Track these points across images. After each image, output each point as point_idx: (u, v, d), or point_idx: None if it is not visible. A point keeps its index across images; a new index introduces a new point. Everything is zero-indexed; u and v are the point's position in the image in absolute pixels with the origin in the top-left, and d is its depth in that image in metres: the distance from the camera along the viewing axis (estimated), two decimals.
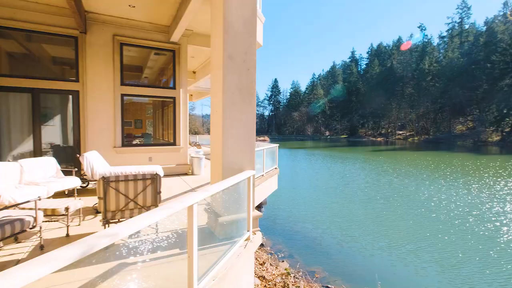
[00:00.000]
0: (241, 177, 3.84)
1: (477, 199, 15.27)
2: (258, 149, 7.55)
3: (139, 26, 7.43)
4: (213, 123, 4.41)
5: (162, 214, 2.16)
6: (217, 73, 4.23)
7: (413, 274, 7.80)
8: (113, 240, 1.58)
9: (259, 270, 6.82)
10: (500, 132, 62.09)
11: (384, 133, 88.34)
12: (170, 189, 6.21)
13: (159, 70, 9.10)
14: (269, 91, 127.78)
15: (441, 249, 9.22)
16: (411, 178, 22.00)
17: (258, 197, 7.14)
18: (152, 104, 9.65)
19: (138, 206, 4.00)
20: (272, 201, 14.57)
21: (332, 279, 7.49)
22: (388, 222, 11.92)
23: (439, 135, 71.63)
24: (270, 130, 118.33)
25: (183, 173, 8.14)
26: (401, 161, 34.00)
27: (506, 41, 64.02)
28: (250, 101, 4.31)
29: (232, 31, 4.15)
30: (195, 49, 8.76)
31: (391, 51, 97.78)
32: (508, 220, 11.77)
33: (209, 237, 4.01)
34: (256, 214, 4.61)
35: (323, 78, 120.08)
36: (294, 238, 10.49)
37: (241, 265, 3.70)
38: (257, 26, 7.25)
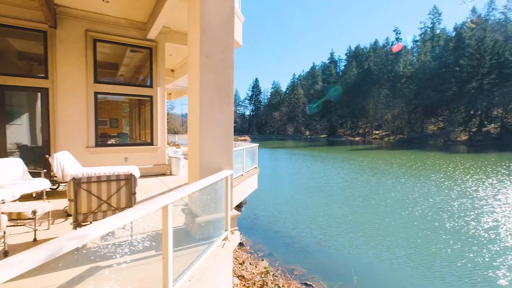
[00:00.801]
0: (219, 176, 3.82)
1: (448, 196, 16.11)
2: (237, 148, 7.56)
3: (114, 22, 7.18)
4: (190, 123, 4.36)
5: (136, 214, 2.11)
6: (194, 72, 4.19)
7: (388, 269, 8.10)
8: (82, 242, 1.53)
9: (238, 270, 6.82)
10: (467, 132, 65.91)
11: (361, 132, 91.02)
12: (147, 190, 6.07)
13: (135, 67, 8.85)
14: (250, 90, 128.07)
15: (415, 245, 9.62)
16: (387, 176, 22.84)
17: (237, 197, 7.15)
18: (128, 102, 9.37)
19: (111, 208, 3.88)
20: (252, 201, 14.61)
21: (311, 276, 7.63)
22: (365, 220, 12.29)
23: (412, 135, 74.83)
24: (251, 129, 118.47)
25: (161, 173, 7.97)
26: (377, 160, 35.20)
27: (473, 46, 67.97)
28: (227, 100, 4.29)
29: (209, 30, 4.12)
30: (173, 47, 8.60)
31: (368, 53, 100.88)
32: (476, 215, 12.51)
33: (186, 237, 3.97)
34: (234, 213, 4.61)
35: (303, 78, 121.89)
36: (274, 237, 10.58)
37: (218, 264, 3.69)
38: (236, 25, 7.27)
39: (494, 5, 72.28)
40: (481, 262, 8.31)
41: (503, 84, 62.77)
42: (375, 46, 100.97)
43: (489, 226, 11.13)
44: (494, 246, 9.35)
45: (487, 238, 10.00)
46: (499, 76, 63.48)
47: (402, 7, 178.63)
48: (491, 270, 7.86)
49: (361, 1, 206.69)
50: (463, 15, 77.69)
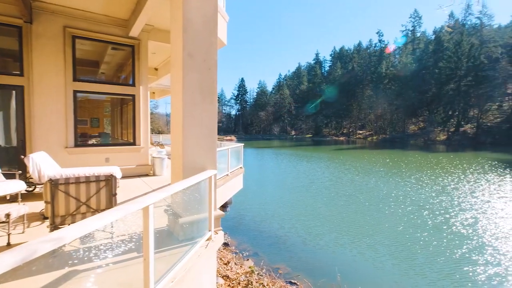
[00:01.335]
0: (202, 176, 3.80)
1: (428, 194, 16.67)
2: (222, 148, 7.54)
3: (94, 19, 6.98)
4: (173, 122, 4.31)
5: (115, 216, 2.07)
6: (177, 71, 4.14)
7: (371, 267, 8.30)
8: (57, 244, 1.48)
9: (223, 270, 6.80)
10: (446, 132, 68.52)
11: (346, 132, 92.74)
12: (129, 191, 5.94)
13: (117, 66, 8.63)
14: (236, 90, 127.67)
15: (397, 243, 9.89)
16: (371, 175, 23.38)
17: (223, 197, 7.12)
18: (110, 101, 9.13)
19: (91, 210, 3.79)
20: (238, 201, 14.59)
21: (295, 274, 7.72)
22: (350, 218, 12.52)
23: (394, 135, 76.95)
24: (237, 129, 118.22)
25: (144, 174, 7.82)
26: (361, 159, 35.98)
27: (451, 49, 70.69)
28: (211, 100, 4.27)
29: (192, 29, 4.08)
30: (157, 45, 8.46)
31: (352, 54, 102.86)
32: (455, 212, 13.01)
33: (169, 238, 3.92)
34: (218, 213, 4.59)
35: (289, 78, 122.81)
36: (260, 236, 10.62)
37: (202, 265, 3.67)
38: (221, 25, 7.24)
39: (470, 10, 75.41)
40: (460, 258, 8.65)
41: (478, 86, 65.69)
42: (358, 48, 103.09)
43: (467, 223, 11.61)
44: (472, 242, 9.76)
45: (465, 234, 10.43)
46: (475, 78, 66.38)
47: (385, 10, 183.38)
48: (469, 265, 8.20)
49: (345, 3, 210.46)
50: (442, 19, 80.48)
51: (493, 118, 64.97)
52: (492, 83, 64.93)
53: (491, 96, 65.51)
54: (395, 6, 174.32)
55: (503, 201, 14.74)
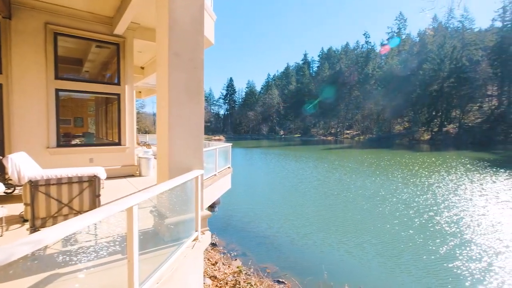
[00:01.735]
0: (188, 176, 3.78)
1: (413, 192, 17.08)
2: (210, 148, 7.50)
3: (77, 15, 6.80)
4: (159, 122, 4.26)
5: (97, 217, 2.03)
6: (163, 70, 4.10)
7: (358, 265, 8.43)
8: (36, 246, 1.43)
9: (210, 270, 6.77)
10: (430, 132, 70.48)
11: (333, 132, 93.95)
12: (114, 192, 5.83)
13: (101, 64, 8.44)
14: (225, 89, 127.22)
15: (383, 241, 10.08)
16: (358, 174, 23.77)
17: (210, 197, 7.09)
18: (94, 100, 8.91)
19: (73, 211, 3.70)
20: (226, 201, 14.54)
21: (283, 273, 7.76)
22: (338, 218, 12.68)
23: (381, 134, 78.52)
24: (226, 129, 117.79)
25: (130, 174, 7.69)
26: (349, 159, 36.53)
27: (434, 51, 72.74)
28: (197, 100, 4.25)
29: (178, 28, 4.04)
30: (143, 43, 8.32)
31: (339, 55, 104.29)
32: (440, 210, 13.37)
33: (155, 239, 3.88)
34: (205, 214, 4.57)
35: (277, 78, 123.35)
36: (248, 236, 10.62)
37: (188, 265, 3.65)
38: (208, 24, 7.20)
39: (453, 14, 77.78)
40: (444, 255, 8.90)
41: (460, 87, 67.88)
42: (346, 49, 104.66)
43: (450, 220, 11.96)
44: (455, 239, 10.06)
45: (449, 232, 10.73)
46: (457, 80, 68.56)
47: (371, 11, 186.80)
48: (453, 262, 8.44)
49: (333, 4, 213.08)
50: (426, 22, 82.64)
51: (474, 119, 67.28)
52: (473, 85, 67.27)
53: (472, 97, 67.86)
54: (382, 8, 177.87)
55: (484, 199, 15.27)
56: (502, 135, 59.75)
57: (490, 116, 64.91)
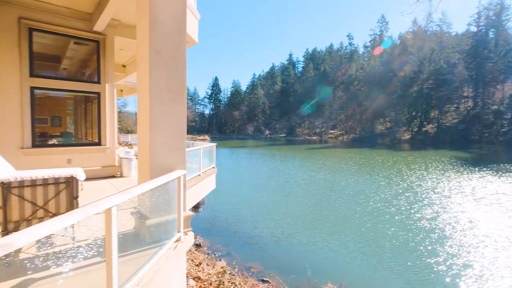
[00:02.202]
0: (170, 177, 3.73)
1: (395, 190, 17.58)
2: (194, 148, 7.44)
3: (54, 10, 6.54)
4: (140, 121, 4.19)
5: (73, 219, 1.97)
6: (144, 68, 4.03)
7: (342, 262, 8.59)
8: (6, 250, 1.37)
9: (194, 271, 6.71)
10: (410, 132, 72.83)
11: (318, 132, 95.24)
12: (93, 193, 5.67)
13: (81, 61, 8.16)
14: (210, 89, 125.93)
15: (366, 239, 10.29)
16: (342, 174, 24.21)
17: (195, 197, 7.03)
18: (73, 99, 8.59)
19: (49, 214, 3.57)
20: (211, 201, 14.45)
21: (267, 272, 7.80)
22: (322, 217, 12.84)
23: (364, 134, 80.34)
24: (211, 129, 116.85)
25: (111, 175, 7.49)
26: (333, 158, 37.14)
27: (415, 54, 75.18)
28: (179, 99, 4.20)
29: (159, 25, 3.98)
30: (125, 41, 8.13)
31: (323, 56, 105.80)
32: (419, 208, 13.81)
33: (136, 241, 3.81)
34: (187, 214, 4.52)
35: (263, 78, 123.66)
36: (233, 237, 10.59)
37: (170, 266, 3.61)
38: (192, 22, 7.13)
39: (431, 18, 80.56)
40: (424, 251, 9.19)
41: (439, 89, 70.54)
42: (330, 50, 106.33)
43: (430, 217, 12.39)
44: (434, 235, 10.43)
45: (428, 228, 11.11)
46: (436, 81, 71.20)
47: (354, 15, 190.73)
48: (432, 257, 8.73)
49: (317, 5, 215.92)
50: (407, 25, 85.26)
51: (451, 119, 70.12)
52: (451, 86, 70.08)
53: (450, 98, 70.69)
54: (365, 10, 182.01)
55: (461, 196, 15.94)
56: (477, 135, 62.67)
57: (466, 117, 67.89)
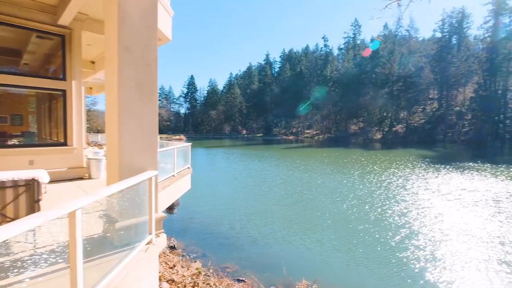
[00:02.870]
0: (141, 177, 3.63)
1: (368, 188, 18.25)
2: (168, 148, 7.28)
3: (13, 1, 6.10)
4: (108, 121, 4.03)
5: (31, 223, 1.87)
6: (112, 66, 3.88)
7: (317, 260, 8.77)
8: None
9: (168, 274, 6.56)
10: (381, 132, 76.09)
11: (295, 132, 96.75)
12: (58, 196, 5.38)
13: (44, 57, 7.68)
14: (186, 87, 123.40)
15: (341, 236, 10.58)
16: (318, 173, 24.75)
17: (169, 198, 6.87)
18: (36, 96, 8.07)
19: (7, 219, 3.34)
20: (187, 202, 14.19)
21: (243, 271, 7.81)
22: (299, 216, 13.02)
23: (338, 134, 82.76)
24: (187, 128, 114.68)
25: (78, 177, 7.13)
26: (309, 157, 37.91)
27: (385, 57, 78.60)
28: (150, 98, 4.09)
29: (128, 21, 3.86)
30: (93, 36, 7.76)
31: (300, 57, 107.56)
32: (391, 205, 14.43)
33: (104, 245, 3.66)
34: (159, 216, 4.43)
35: (240, 78, 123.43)
36: (209, 238, 10.49)
37: (141, 270, 3.52)
38: (165, 19, 6.96)
39: (401, 23, 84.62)
40: (394, 246, 9.61)
41: (407, 91, 74.33)
42: (306, 51, 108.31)
43: (400, 213, 12.99)
44: (404, 230, 10.93)
45: (399, 224, 11.63)
46: (405, 84, 74.96)
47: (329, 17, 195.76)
48: (401, 252, 9.16)
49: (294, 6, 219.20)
50: (378, 29, 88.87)
51: (418, 119, 74.20)
52: (418, 89, 74.12)
53: (417, 100, 74.74)
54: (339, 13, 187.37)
55: (428, 193, 16.89)
56: (441, 135, 66.86)
57: (432, 117, 72.18)
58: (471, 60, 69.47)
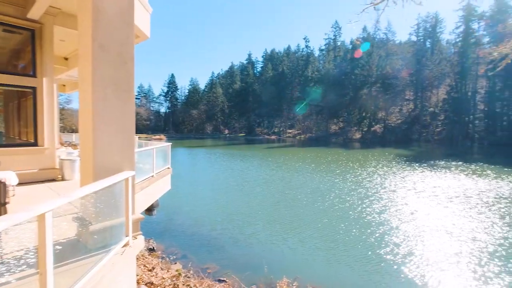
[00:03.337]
0: (117, 178, 3.54)
1: (348, 187, 18.69)
2: (147, 148, 7.13)
3: None
4: (82, 120, 3.89)
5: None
6: (86, 64, 3.75)
7: (299, 258, 8.90)
8: None
9: (147, 277, 6.43)
10: (360, 131, 78.28)
11: (277, 131, 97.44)
12: (28, 199, 5.12)
13: (12, 52, 7.25)
14: (166, 86, 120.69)
15: (322, 234, 10.77)
16: (299, 172, 25.05)
17: (148, 199, 6.74)
18: (3, 94, 7.62)
19: None
20: (167, 203, 13.94)
21: (225, 271, 7.79)
22: (281, 215, 13.12)
23: (319, 134, 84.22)
24: (167, 128, 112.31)
25: (50, 179, 6.81)
26: (291, 157, 38.31)
27: (364, 58, 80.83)
28: (127, 96, 4.00)
29: (104, 18, 3.74)
30: (67, 31, 7.43)
31: (281, 57, 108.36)
32: (370, 203, 14.86)
33: (78, 249, 3.54)
34: (137, 217, 4.33)
35: (222, 77, 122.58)
36: (190, 239, 10.35)
37: (117, 273, 3.44)
38: (143, 16, 6.81)
39: (379, 26, 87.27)
40: (373, 242, 9.92)
41: (385, 92, 76.83)
42: (288, 51, 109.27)
43: (379, 211, 13.42)
44: (382, 227, 11.30)
45: (377, 221, 11.99)
46: (383, 85, 77.46)
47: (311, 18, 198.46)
48: (380, 248, 9.46)
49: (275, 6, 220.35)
50: (358, 32, 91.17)
51: (395, 120, 76.99)
52: (395, 90, 76.79)
53: (394, 101, 77.47)
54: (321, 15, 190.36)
55: (405, 190, 17.57)
56: (416, 134, 69.76)
57: (408, 118, 75.13)
58: (444, 64, 72.89)
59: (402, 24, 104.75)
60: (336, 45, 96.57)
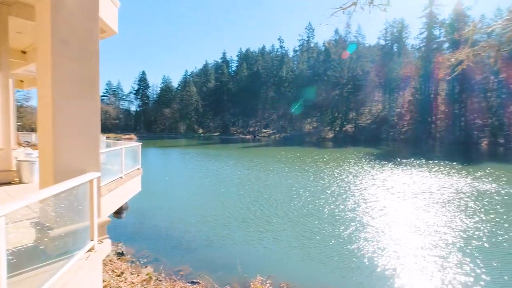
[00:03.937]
0: (80, 180, 3.37)
1: (322, 185, 19.17)
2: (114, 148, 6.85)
3: None
4: (41, 119, 3.66)
5: None
6: (45, 59, 3.52)
7: (273, 257, 9.01)
8: None
9: (115, 282, 6.17)
10: (333, 131, 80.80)
11: (252, 131, 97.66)
12: None
13: None
14: (136, 84, 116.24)
15: (296, 233, 10.95)
16: (274, 171, 25.31)
17: (116, 202, 6.47)
18: None
19: None
20: (137, 205, 13.47)
21: (198, 273, 7.68)
22: (256, 215, 13.16)
23: (294, 133, 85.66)
24: (138, 127, 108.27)
25: (6, 182, 6.31)
26: (266, 156, 38.60)
27: (337, 60, 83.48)
28: (91, 94, 3.81)
29: (65, 11, 3.53)
30: (24, 23, 6.90)
31: (256, 57, 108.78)
32: (342, 200, 15.36)
33: (36, 256, 3.32)
34: (103, 220, 4.15)
35: (196, 75, 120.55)
36: (161, 241, 10.08)
37: (82, 279, 3.28)
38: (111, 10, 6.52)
39: (350, 29, 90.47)
40: (346, 238, 10.26)
41: (356, 93, 79.96)
42: (263, 51, 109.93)
43: (351, 208, 13.90)
44: (355, 223, 11.72)
45: (349, 218, 12.42)
46: (354, 86, 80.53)
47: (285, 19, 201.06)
48: (352, 244, 9.80)
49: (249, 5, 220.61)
50: (330, 33, 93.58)
51: (365, 120, 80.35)
52: (365, 91, 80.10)
53: (364, 102, 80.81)
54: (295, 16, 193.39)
55: (375, 188, 18.39)
56: (384, 134, 73.36)
57: (377, 118, 78.70)
58: (409, 67, 77.24)
59: (371, 28, 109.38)
60: (309, 46, 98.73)
